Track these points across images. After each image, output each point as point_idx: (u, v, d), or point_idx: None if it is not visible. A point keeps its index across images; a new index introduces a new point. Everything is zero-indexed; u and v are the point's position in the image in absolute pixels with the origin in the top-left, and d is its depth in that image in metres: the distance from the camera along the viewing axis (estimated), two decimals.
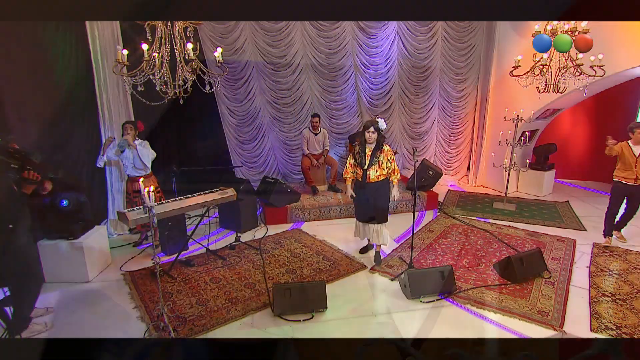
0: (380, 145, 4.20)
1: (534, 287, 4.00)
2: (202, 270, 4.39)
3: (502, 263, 4.23)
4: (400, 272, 4.24)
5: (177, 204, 4.11)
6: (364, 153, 4.23)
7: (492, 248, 4.94)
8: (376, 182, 4.25)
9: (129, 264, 4.56)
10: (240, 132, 6.76)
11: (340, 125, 7.31)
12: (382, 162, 4.20)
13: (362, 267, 4.43)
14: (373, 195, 4.28)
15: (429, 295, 3.78)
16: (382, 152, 4.20)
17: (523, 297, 3.82)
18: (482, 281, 4.13)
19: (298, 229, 5.60)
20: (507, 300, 3.77)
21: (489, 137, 7.53)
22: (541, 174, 7.11)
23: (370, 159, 4.20)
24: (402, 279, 3.93)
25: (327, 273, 4.29)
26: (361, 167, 4.25)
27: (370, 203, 4.31)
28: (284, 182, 5.85)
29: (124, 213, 3.79)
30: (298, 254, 4.77)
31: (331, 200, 6.02)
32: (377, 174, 4.23)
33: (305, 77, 6.86)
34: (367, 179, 4.23)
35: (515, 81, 6.83)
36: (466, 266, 4.48)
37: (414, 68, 7.28)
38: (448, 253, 4.81)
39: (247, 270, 4.36)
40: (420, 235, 5.35)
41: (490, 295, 3.87)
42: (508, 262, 4.10)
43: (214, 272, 4.34)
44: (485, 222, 5.87)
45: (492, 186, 7.60)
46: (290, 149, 7.16)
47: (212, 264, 4.54)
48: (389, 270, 4.35)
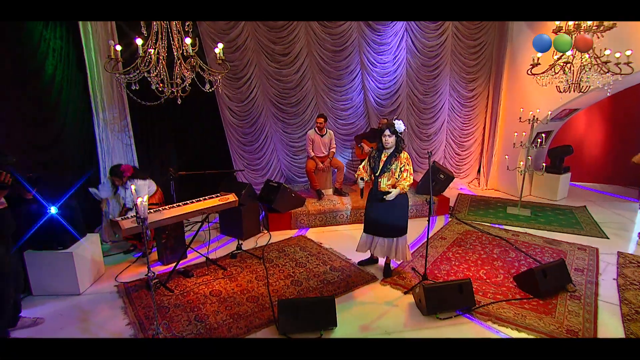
0: (399, 150, 3.86)
1: (559, 302, 3.72)
2: (201, 281, 4.12)
3: (523, 275, 3.95)
4: (414, 284, 3.97)
5: (174, 212, 3.85)
6: (379, 158, 3.92)
7: (509, 257, 4.66)
8: (388, 192, 3.92)
9: (124, 274, 4.30)
10: (241, 133, 6.50)
11: (346, 126, 7.04)
12: (395, 171, 3.87)
13: (373, 279, 4.16)
14: (385, 206, 3.93)
15: (446, 311, 3.51)
16: (397, 159, 3.86)
17: (548, 314, 3.54)
18: (501, 295, 3.85)
19: (303, 236, 5.33)
20: (531, 316, 3.50)
21: (501, 138, 7.25)
22: (556, 178, 6.83)
23: (383, 165, 3.87)
24: (417, 293, 3.65)
25: (335, 285, 4.02)
26: (373, 173, 3.95)
27: (381, 214, 3.98)
28: (288, 186, 5.58)
29: (117, 221, 3.54)
30: (303, 264, 4.50)
31: (337, 205, 5.75)
32: (389, 182, 3.91)
33: (309, 75, 6.59)
34: (379, 187, 3.95)
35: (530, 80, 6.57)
36: (483, 277, 4.20)
37: (424, 66, 7.01)
38: (463, 263, 4.53)
39: (250, 282, 4.09)
40: (433, 242, 5.08)
41: (512, 310, 3.59)
42: (530, 275, 3.83)
43: (214, 283, 4.08)
44: (500, 228, 5.59)
45: (504, 190, 7.32)
46: (294, 151, 6.89)
47: (212, 274, 4.27)
48: (401, 282, 4.08)
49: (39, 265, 3.74)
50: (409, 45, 6.88)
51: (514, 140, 6.16)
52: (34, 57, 3.85)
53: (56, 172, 4.17)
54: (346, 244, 5.06)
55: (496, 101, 7.25)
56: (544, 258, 4.63)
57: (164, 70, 3.57)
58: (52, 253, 3.74)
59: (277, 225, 5.50)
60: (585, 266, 4.42)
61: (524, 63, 6.63)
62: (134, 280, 4.17)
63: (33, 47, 3.84)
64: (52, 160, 4.28)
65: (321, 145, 6.09)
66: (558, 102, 6.12)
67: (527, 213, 6.16)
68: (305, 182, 6.97)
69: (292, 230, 5.55)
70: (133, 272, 4.36)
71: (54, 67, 4.04)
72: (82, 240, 4.00)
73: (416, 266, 4.42)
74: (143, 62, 3.44)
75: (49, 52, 3.95)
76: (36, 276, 3.75)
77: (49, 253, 3.73)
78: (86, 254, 3.98)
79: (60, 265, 3.77)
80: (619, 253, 4.77)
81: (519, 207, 6.27)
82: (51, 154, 4.22)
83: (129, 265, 4.48)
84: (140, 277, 4.24)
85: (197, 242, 4.77)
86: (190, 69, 3.57)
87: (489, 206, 6.59)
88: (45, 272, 3.76)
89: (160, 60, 3.53)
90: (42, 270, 3.75)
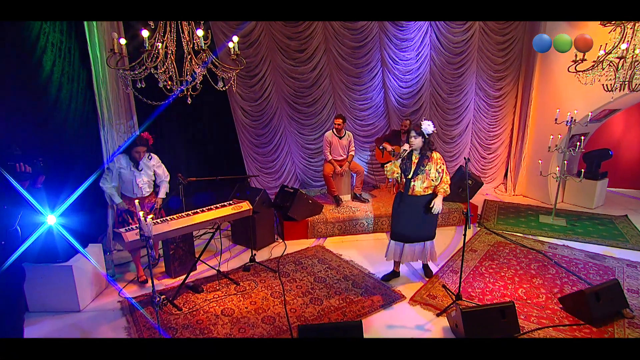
0: (429, 151, 3.60)
1: (616, 330, 3.29)
2: (212, 297, 3.78)
3: (571, 297, 3.53)
4: (446, 304, 3.58)
5: (182, 222, 3.53)
6: (410, 160, 3.63)
7: (549, 274, 4.23)
8: (422, 196, 3.66)
9: (130, 287, 3.99)
10: (254, 134, 6.16)
11: (365, 127, 6.66)
12: (430, 172, 3.60)
13: (401, 298, 3.77)
14: (418, 211, 3.69)
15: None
16: (430, 160, 3.59)
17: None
18: (547, 319, 3.44)
19: (321, 246, 4.97)
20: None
21: (531, 140, 6.79)
22: (593, 184, 6.34)
23: (416, 167, 3.59)
24: (453, 317, 3.26)
25: (359, 305, 3.64)
26: (405, 175, 3.65)
27: (414, 220, 3.72)
28: (305, 192, 5.22)
29: (120, 233, 3.22)
30: (323, 279, 4.13)
31: (357, 212, 5.37)
32: (424, 185, 3.63)
33: (327, 73, 6.23)
34: (412, 190, 3.64)
35: (565, 78, 6.13)
36: (523, 298, 3.79)
37: (448, 64, 6.58)
38: (499, 280, 4.12)
39: (265, 300, 3.74)
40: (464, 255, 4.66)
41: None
42: (580, 298, 3.40)
43: (226, 300, 3.73)
44: (534, 239, 5.15)
45: (533, 196, 6.86)
46: (310, 153, 6.53)
47: (223, 289, 3.93)
48: (432, 302, 3.69)
49: (34, 279, 3.43)
50: (433, 41, 6.46)
51: (549, 143, 5.70)
52: (33, 52, 3.54)
53: (56, 174, 3.86)
54: (368, 255, 4.69)
55: (526, 101, 6.80)
56: (589, 276, 4.20)
57: (173, 66, 3.24)
58: (49, 266, 3.44)
59: (293, 234, 5.15)
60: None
61: (558, 60, 6.17)
62: (139, 295, 3.85)
63: (32, 41, 3.54)
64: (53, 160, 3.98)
65: (339, 147, 5.72)
66: (599, 101, 5.64)
67: (562, 223, 5.70)
68: (321, 186, 6.61)
69: (309, 239, 5.18)
70: (138, 286, 4.05)
71: (52, 63, 3.73)
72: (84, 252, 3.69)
73: (447, 283, 4.02)
74: (150, 57, 3.11)
75: (47, 47, 3.65)
76: (33, 291, 3.44)
77: (46, 266, 3.43)
78: (87, 267, 3.67)
79: (59, 280, 3.47)
80: None
81: (553, 215, 5.81)
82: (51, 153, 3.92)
83: (134, 278, 4.17)
84: (147, 290, 3.93)
85: (208, 252, 4.45)
86: (201, 64, 3.24)
87: (519, 214, 6.14)
88: (42, 287, 3.45)
89: (168, 55, 3.20)
90: (39, 285, 3.45)
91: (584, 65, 4.51)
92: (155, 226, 3.40)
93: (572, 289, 3.93)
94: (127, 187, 3.94)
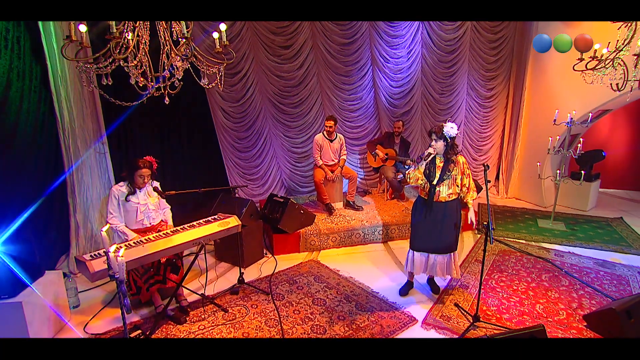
0: (454, 155, 3.29)
1: None
2: (197, 329, 3.24)
3: (598, 316, 3.23)
4: (463, 328, 3.22)
5: (160, 244, 2.99)
6: (433, 165, 3.31)
7: (563, 286, 3.96)
8: (447, 202, 3.35)
9: (97, 321, 3.39)
10: (236, 137, 5.61)
11: (355, 129, 6.24)
12: (456, 177, 3.32)
13: (411, 320, 3.36)
14: (442, 218, 3.38)
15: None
16: (457, 165, 3.30)
17: None
18: None
19: (315, 261, 4.50)
20: None
21: (524, 142, 6.61)
22: (587, 185, 6.20)
23: (442, 172, 3.28)
24: None
25: (368, 332, 3.20)
26: (429, 181, 3.32)
27: (438, 228, 3.39)
28: (296, 201, 4.74)
29: (83, 262, 2.65)
30: (322, 300, 3.67)
31: (352, 222, 4.94)
32: (450, 191, 3.34)
33: (314, 71, 5.77)
34: (436, 197, 3.32)
35: (559, 78, 5.97)
36: (543, 315, 3.47)
37: (440, 62, 6.27)
38: (512, 295, 3.79)
39: (259, 329, 3.24)
40: (469, 267, 4.33)
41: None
42: (610, 316, 3.10)
43: (214, 332, 3.20)
44: (539, 247, 4.89)
45: (527, 199, 6.68)
46: (297, 157, 6.05)
47: (209, 317, 3.40)
48: (447, 325, 3.30)
49: None
50: (424, 38, 6.14)
51: (546, 144, 5.48)
52: None
53: (2, 187, 3.21)
54: (367, 270, 4.28)
55: (517, 101, 6.60)
56: (604, 286, 3.95)
57: (147, 58, 2.70)
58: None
59: (283, 248, 4.66)
60: None
61: (551, 59, 6.00)
62: (109, 330, 3.26)
63: None
64: (5, 170, 3.33)
65: (330, 151, 5.28)
66: (595, 102, 5.48)
67: (561, 227, 5.50)
68: (309, 192, 6.15)
69: (301, 253, 4.71)
70: (108, 317, 3.45)
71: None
72: (37, 283, 3.06)
73: (458, 301, 3.66)
74: (118, 48, 2.55)
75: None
76: None
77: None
78: (42, 300, 3.05)
79: (7, 318, 2.83)
80: None
81: (552, 220, 5.60)
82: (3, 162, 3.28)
83: (102, 308, 3.56)
84: (118, 323, 3.34)
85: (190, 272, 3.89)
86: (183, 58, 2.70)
87: (517, 218, 5.91)
88: None
89: (141, 45, 2.65)
90: None
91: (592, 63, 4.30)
92: (128, 251, 2.83)
93: (590, 302, 3.65)
94: (132, 217, 3.34)
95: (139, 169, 3.26)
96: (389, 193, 5.85)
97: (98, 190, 4.19)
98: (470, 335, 3.15)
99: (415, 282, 3.91)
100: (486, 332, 3.20)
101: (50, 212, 3.74)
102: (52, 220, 3.80)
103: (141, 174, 3.28)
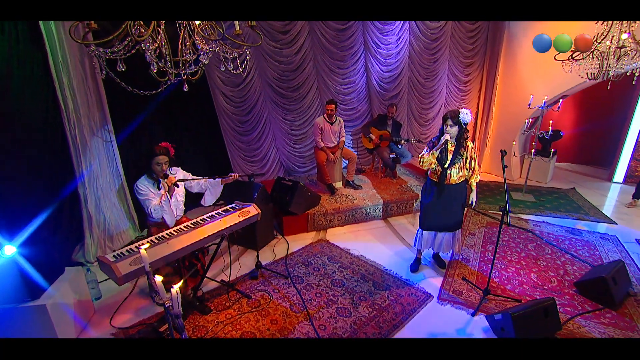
0: (465, 139, 3.05)
1: (631, 311, 2.99)
2: (224, 319, 2.87)
3: (589, 283, 3.17)
4: (475, 301, 3.06)
5: (185, 239, 2.55)
6: (446, 149, 3.03)
7: (547, 254, 3.90)
8: (457, 184, 3.13)
9: (122, 313, 2.93)
10: (237, 121, 5.04)
11: (348, 111, 5.80)
12: (466, 161, 3.08)
13: (428, 297, 3.16)
14: (451, 199, 3.17)
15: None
16: (466, 149, 3.06)
17: (631, 329, 2.79)
18: (570, 307, 3.06)
19: (325, 240, 4.18)
20: (616, 334, 2.73)
21: (496, 122, 6.47)
22: (547, 161, 6.21)
23: (453, 156, 3.03)
24: (498, 322, 2.71)
25: (391, 312, 2.97)
26: (441, 165, 3.05)
27: (447, 209, 3.19)
28: (303, 184, 4.31)
29: (108, 264, 2.17)
30: (340, 281, 3.38)
31: (356, 201, 4.62)
32: (460, 174, 3.10)
33: (311, 56, 5.20)
34: (448, 179, 3.08)
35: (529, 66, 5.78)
36: (539, 284, 3.38)
37: (426, 49, 5.87)
38: (509, 265, 3.68)
39: (287, 316, 2.91)
40: (465, 241, 4.18)
41: (595, 328, 2.80)
42: (600, 284, 3.04)
43: (242, 321, 2.85)
44: (518, 218, 4.83)
45: (497, 173, 6.62)
46: (295, 139, 5.57)
47: (235, 305, 3.03)
48: (461, 299, 3.13)
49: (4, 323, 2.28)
50: (412, 26, 5.68)
51: (520, 126, 5.34)
52: None
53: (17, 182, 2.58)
54: (373, 247, 4.03)
55: (490, 86, 6.39)
56: (579, 252, 3.94)
57: (166, 40, 2.12)
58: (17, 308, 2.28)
59: (292, 229, 4.29)
60: (624, 261, 3.76)
61: (521, 48, 5.79)
62: (134, 324, 2.81)
63: None
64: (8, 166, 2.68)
65: (331, 133, 4.85)
66: (559, 87, 5.38)
67: (531, 198, 5.48)
68: (306, 172, 5.74)
69: (309, 232, 4.36)
70: (131, 308, 2.99)
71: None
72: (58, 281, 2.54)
73: (466, 275, 3.49)
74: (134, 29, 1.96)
75: None
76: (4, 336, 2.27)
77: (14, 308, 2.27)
78: (66, 299, 2.54)
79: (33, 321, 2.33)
80: (638, 241, 4.21)
81: (524, 192, 5.57)
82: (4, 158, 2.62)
83: (125, 299, 3.08)
84: (143, 315, 2.90)
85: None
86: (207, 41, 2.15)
87: (493, 192, 5.83)
88: (15, 331, 2.30)
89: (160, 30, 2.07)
90: (9, 330, 2.29)
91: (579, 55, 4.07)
92: (152, 249, 2.37)
93: (573, 268, 3.62)
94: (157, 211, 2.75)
95: (156, 156, 2.71)
96: (383, 171, 5.55)
97: (107, 179, 3.58)
98: (483, 309, 2.99)
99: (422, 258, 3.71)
100: (496, 304, 3.06)
101: (61, 204, 3.12)
102: (63, 212, 3.19)
103: (158, 161, 2.72)
